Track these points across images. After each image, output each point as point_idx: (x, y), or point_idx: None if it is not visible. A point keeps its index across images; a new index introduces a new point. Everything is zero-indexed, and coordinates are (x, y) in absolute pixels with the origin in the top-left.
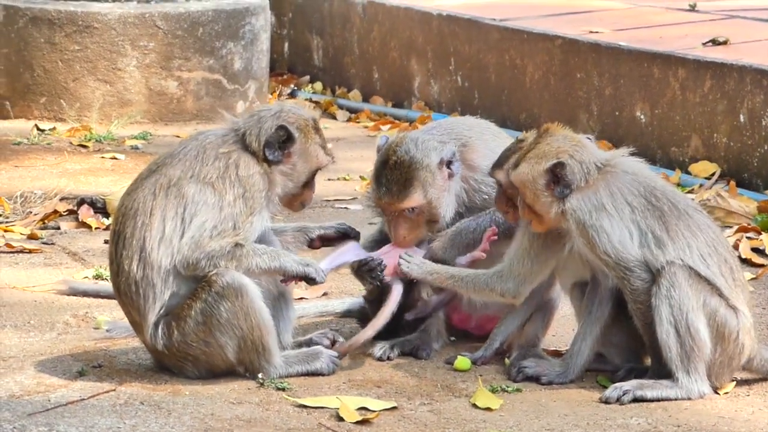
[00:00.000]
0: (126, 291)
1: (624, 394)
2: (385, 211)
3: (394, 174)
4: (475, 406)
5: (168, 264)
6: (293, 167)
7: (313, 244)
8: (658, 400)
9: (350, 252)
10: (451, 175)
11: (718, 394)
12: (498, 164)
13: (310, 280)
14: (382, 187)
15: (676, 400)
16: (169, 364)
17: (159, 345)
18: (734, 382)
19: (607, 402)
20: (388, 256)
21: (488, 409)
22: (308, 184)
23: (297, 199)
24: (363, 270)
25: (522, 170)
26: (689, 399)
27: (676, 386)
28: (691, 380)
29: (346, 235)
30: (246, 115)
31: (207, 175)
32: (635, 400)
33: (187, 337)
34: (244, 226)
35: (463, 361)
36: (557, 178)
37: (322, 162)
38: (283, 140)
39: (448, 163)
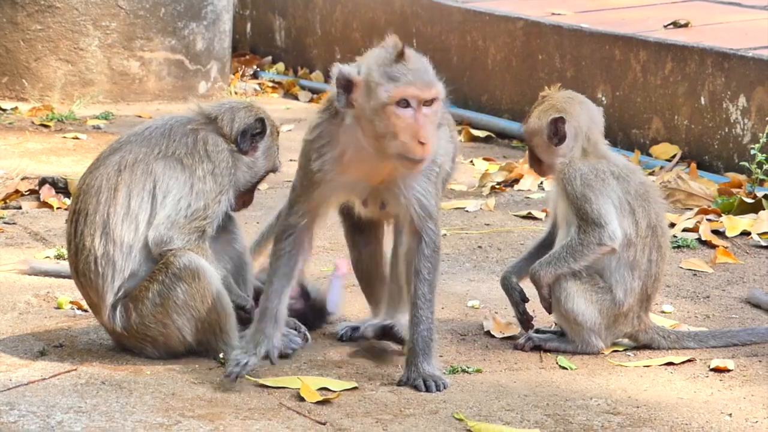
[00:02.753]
0: (84, 271)
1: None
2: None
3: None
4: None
5: (131, 240)
6: (255, 162)
7: None
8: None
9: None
10: None
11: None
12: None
13: (245, 312)
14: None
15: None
16: (129, 344)
17: (118, 327)
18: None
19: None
20: None
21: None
22: (257, 183)
23: (242, 197)
24: None
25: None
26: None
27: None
28: None
29: None
30: (214, 104)
31: (175, 151)
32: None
33: (145, 319)
34: (213, 207)
35: None
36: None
37: (277, 165)
38: (255, 132)
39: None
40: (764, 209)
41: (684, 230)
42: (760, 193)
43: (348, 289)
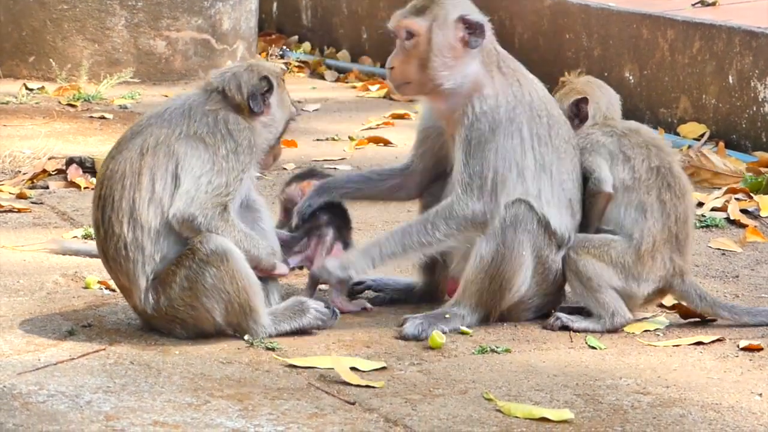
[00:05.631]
0: (115, 256)
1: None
2: (393, 31)
3: (416, 1)
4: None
5: (158, 224)
6: (273, 117)
7: None
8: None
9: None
10: (466, 43)
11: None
12: None
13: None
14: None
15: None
16: (158, 325)
17: (148, 309)
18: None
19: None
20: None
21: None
22: (282, 136)
23: (271, 153)
24: None
25: None
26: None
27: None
28: None
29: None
30: (216, 74)
31: (197, 131)
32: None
33: (174, 302)
34: (234, 184)
35: (437, 337)
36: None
37: (293, 112)
38: (264, 90)
39: (469, 28)
40: None
41: (712, 209)
42: None
43: None
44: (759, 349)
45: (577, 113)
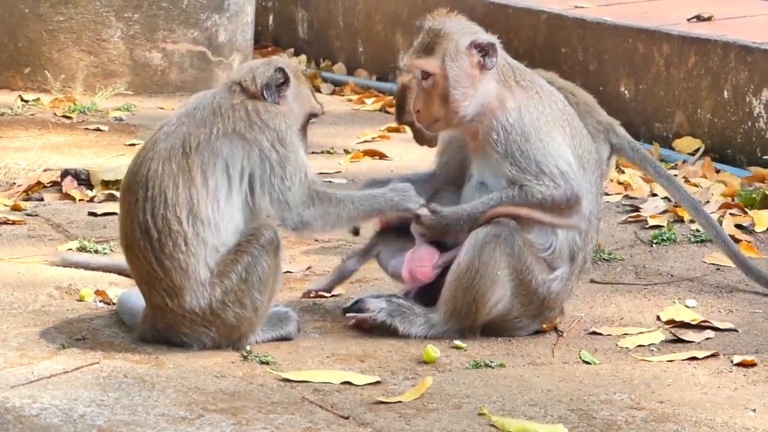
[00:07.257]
0: (173, 253)
1: None
2: (409, 70)
3: (423, 37)
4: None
5: (217, 218)
6: (290, 109)
7: None
8: None
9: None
10: (482, 66)
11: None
12: None
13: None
14: (412, 46)
15: None
16: (183, 331)
17: (198, 307)
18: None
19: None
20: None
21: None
22: (303, 133)
23: None
24: None
25: None
26: None
27: None
28: None
29: None
30: (236, 70)
31: (236, 127)
32: None
33: (227, 296)
34: (301, 166)
35: (431, 351)
36: None
37: (315, 107)
38: (279, 83)
39: (482, 51)
40: None
41: None
42: None
43: None
44: (753, 364)
45: None
